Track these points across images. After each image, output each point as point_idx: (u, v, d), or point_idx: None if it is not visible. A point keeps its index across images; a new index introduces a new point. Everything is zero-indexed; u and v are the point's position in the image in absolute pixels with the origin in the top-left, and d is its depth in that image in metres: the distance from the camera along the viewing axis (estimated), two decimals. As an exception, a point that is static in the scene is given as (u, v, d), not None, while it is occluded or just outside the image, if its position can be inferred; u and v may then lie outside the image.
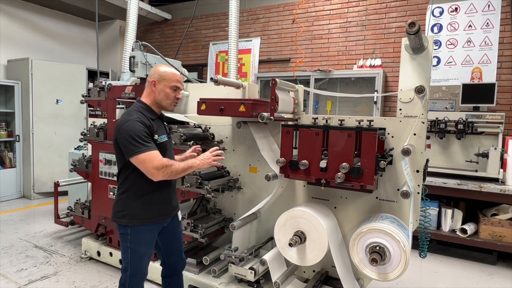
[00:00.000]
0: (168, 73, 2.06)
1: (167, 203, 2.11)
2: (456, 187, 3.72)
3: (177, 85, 2.07)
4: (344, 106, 5.36)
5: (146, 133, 1.91)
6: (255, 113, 2.41)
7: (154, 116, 2.07)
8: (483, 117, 3.92)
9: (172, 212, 2.16)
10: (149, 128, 1.95)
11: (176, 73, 2.09)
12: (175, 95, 2.08)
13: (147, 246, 2.06)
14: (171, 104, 2.09)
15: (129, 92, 3.17)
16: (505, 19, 4.38)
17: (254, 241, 2.96)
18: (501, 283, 3.32)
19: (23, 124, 5.75)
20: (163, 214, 2.08)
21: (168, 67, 2.11)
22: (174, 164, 1.92)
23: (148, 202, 2.01)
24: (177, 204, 2.24)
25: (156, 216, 2.04)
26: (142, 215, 2.00)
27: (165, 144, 2.07)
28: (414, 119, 2.28)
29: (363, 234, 2.08)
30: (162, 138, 2.05)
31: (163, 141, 2.05)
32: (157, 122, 2.07)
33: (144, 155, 1.86)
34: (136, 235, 2.01)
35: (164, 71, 2.06)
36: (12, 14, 6.04)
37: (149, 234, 2.05)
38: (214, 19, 6.63)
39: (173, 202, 2.17)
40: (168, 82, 2.04)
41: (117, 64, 7.33)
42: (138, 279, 2.08)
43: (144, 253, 2.06)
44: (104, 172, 3.13)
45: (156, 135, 2.00)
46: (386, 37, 5.08)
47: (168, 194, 2.11)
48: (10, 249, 3.77)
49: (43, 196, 5.90)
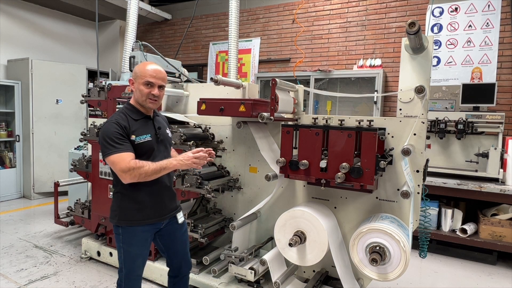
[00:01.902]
0: (140, 69, 1.97)
1: (159, 205, 2.04)
2: (456, 187, 3.72)
3: (149, 80, 1.94)
4: (344, 106, 5.36)
5: (119, 134, 1.87)
6: (255, 113, 2.41)
7: (139, 116, 2.01)
8: (483, 117, 3.91)
9: (167, 214, 2.09)
10: (124, 129, 1.90)
11: (150, 68, 1.97)
12: (150, 91, 1.95)
13: (140, 247, 2.02)
14: (145, 101, 1.97)
15: (129, 92, 3.17)
16: (505, 19, 4.38)
17: (254, 241, 2.96)
18: (501, 283, 3.32)
19: (23, 124, 5.75)
20: (154, 216, 2.02)
21: (146, 64, 2.01)
22: (144, 166, 1.83)
23: (137, 203, 1.98)
24: (174, 206, 2.16)
25: (145, 218, 1.99)
26: (131, 216, 1.98)
27: (147, 144, 1.97)
28: (414, 119, 2.28)
29: (363, 234, 2.08)
30: (142, 138, 1.95)
31: (142, 141, 1.95)
32: (141, 122, 2.00)
33: (113, 157, 1.84)
34: (127, 235, 1.99)
35: (138, 68, 1.99)
36: (12, 14, 6.05)
37: (141, 235, 2.00)
38: (214, 19, 6.63)
39: (167, 203, 2.08)
40: (140, 79, 1.96)
41: (117, 64, 7.33)
42: (133, 280, 2.05)
43: (136, 254, 2.02)
44: (104, 172, 3.13)
45: (134, 136, 1.93)
46: (386, 37, 5.08)
47: (160, 196, 2.04)
48: (10, 249, 3.77)
49: (43, 196, 5.90)
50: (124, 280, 2.03)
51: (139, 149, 1.93)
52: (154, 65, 2.01)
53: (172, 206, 2.14)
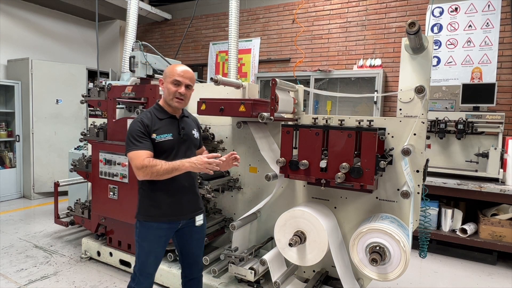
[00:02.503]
0: (169, 69, 2.06)
1: (176, 204, 2.06)
2: (456, 187, 3.72)
3: (177, 79, 2.01)
4: (344, 106, 5.36)
5: (140, 132, 1.96)
6: (255, 113, 2.41)
7: (164, 115, 2.08)
8: (483, 117, 3.92)
9: (184, 215, 2.10)
10: (146, 127, 1.98)
11: (179, 68, 2.05)
12: (177, 89, 2.01)
13: (153, 244, 2.06)
14: (172, 100, 2.04)
15: (129, 92, 3.17)
16: (505, 19, 4.38)
17: (254, 241, 2.96)
18: (501, 283, 3.32)
19: (23, 124, 5.75)
20: (169, 215, 2.05)
21: (175, 65, 2.11)
22: (156, 165, 1.88)
23: (153, 200, 2.04)
24: (194, 208, 2.16)
25: (160, 215, 2.03)
26: (147, 211, 2.05)
27: (167, 143, 2.02)
28: (414, 119, 2.28)
29: (363, 234, 2.08)
30: (163, 137, 2.01)
31: (163, 140, 2.01)
32: (166, 121, 2.06)
33: (131, 154, 1.94)
34: (142, 230, 2.06)
35: (167, 69, 2.08)
36: (12, 14, 6.04)
37: (155, 231, 2.04)
38: (214, 19, 6.63)
39: (185, 204, 2.10)
40: (169, 78, 2.04)
41: (117, 64, 7.33)
42: (144, 277, 2.09)
43: (149, 250, 2.06)
44: (104, 172, 3.13)
45: (155, 134, 1.99)
46: (386, 37, 5.08)
47: (177, 196, 2.06)
48: (10, 249, 3.77)
49: (43, 196, 5.90)
50: (137, 275, 2.09)
51: (159, 148, 1.99)
52: (183, 66, 2.10)
53: (192, 208, 2.15)
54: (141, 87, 3.13)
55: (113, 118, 3.27)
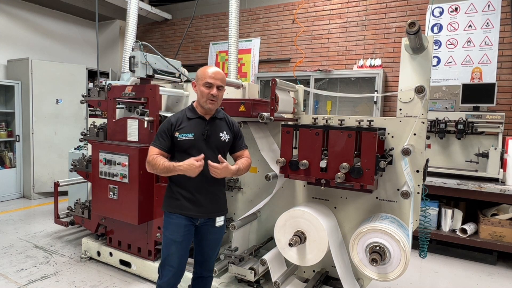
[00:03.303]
0: (201, 72, 2.12)
1: (194, 202, 2.12)
2: (456, 187, 3.72)
3: (209, 81, 2.07)
4: (344, 106, 5.36)
5: (163, 131, 2.12)
6: (255, 113, 2.42)
7: (194, 115, 2.15)
8: (483, 117, 3.91)
9: (203, 213, 2.15)
10: (171, 125, 2.11)
11: (210, 70, 2.10)
12: (209, 91, 2.07)
13: (173, 233, 2.13)
14: (205, 102, 2.10)
15: (129, 92, 3.17)
16: (505, 19, 4.38)
17: (254, 241, 2.96)
18: (501, 283, 3.32)
19: (23, 124, 5.75)
20: (185, 209, 2.12)
21: (206, 67, 2.14)
22: (157, 163, 2.03)
23: (173, 194, 2.16)
24: (215, 208, 2.19)
25: (179, 208, 2.12)
26: (168, 203, 2.18)
27: (187, 142, 2.09)
28: (414, 119, 2.28)
29: (363, 234, 2.08)
30: (184, 136, 2.09)
31: (184, 139, 2.09)
32: (194, 121, 2.14)
33: (150, 148, 2.13)
34: (166, 220, 2.19)
35: (199, 71, 2.14)
36: (12, 14, 6.04)
37: (175, 221, 2.13)
38: (214, 19, 6.63)
39: (204, 203, 2.14)
40: (201, 81, 2.10)
41: (117, 64, 7.33)
42: (166, 268, 2.14)
43: (171, 240, 2.13)
44: (104, 172, 3.13)
45: (177, 133, 2.10)
46: (386, 37, 5.08)
47: (195, 194, 2.12)
48: (10, 249, 3.77)
49: (43, 196, 5.90)
50: (162, 266, 2.17)
51: (180, 146, 2.10)
52: (213, 68, 2.14)
53: (212, 208, 2.18)
54: (141, 87, 3.13)
55: (113, 118, 3.27)
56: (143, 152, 2.91)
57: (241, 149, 2.28)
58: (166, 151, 2.12)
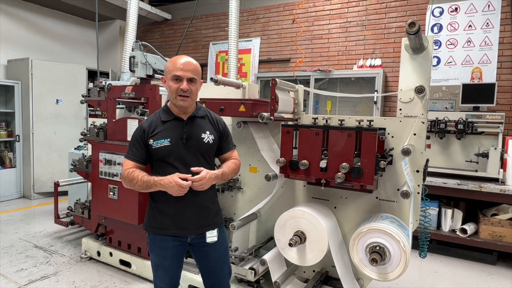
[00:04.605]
0: (168, 64, 1.79)
1: (179, 218, 1.83)
2: (456, 187, 3.72)
3: (177, 73, 1.73)
4: (344, 106, 5.36)
5: (136, 139, 1.83)
6: (255, 113, 2.41)
7: (169, 117, 1.85)
8: (483, 117, 3.91)
9: (190, 229, 1.85)
10: (143, 132, 1.82)
11: (177, 61, 1.77)
12: (178, 86, 1.74)
13: (159, 257, 1.88)
14: (175, 99, 1.78)
15: (129, 92, 3.17)
16: (505, 19, 4.38)
17: (254, 241, 2.95)
18: (501, 283, 3.32)
19: (23, 124, 5.75)
20: (168, 227, 1.83)
21: (174, 58, 1.81)
22: (134, 178, 1.74)
23: (155, 211, 1.87)
24: (202, 222, 1.88)
25: (162, 228, 1.84)
26: (150, 222, 1.89)
27: (163, 149, 1.79)
28: (414, 119, 2.28)
29: (363, 234, 2.08)
30: (159, 143, 1.78)
31: (159, 146, 1.78)
32: (169, 124, 1.83)
33: (124, 160, 1.85)
34: (150, 241, 1.91)
35: (167, 63, 1.82)
36: (12, 14, 6.04)
37: (159, 244, 1.86)
38: (214, 19, 6.63)
39: (190, 217, 1.84)
40: (169, 74, 1.77)
41: (117, 64, 7.33)
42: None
43: (156, 264, 1.90)
44: (104, 172, 3.13)
45: (151, 140, 1.79)
46: (386, 37, 5.08)
47: (179, 207, 1.82)
48: (10, 249, 3.77)
49: (43, 196, 5.90)
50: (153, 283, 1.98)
51: (156, 154, 1.81)
52: (183, 58, 1.80)
53: (200, 222, 1.87)
54: (141, 87, 3.13)
55: (113, 118, 3.27)
56: (143, 152, 2.90)
57: (228, 150, 2.01)
58: (142, 163, 1.82)
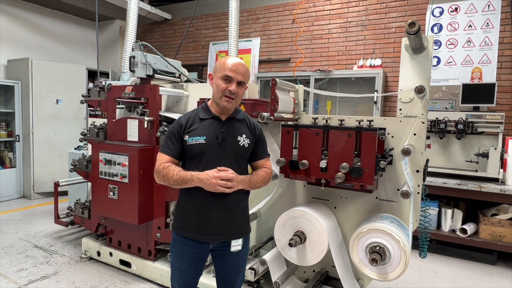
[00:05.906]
0: (220, 63, 1.78)
1: (203, 223, 1.78)
2: (456, 187, 3.72)
3: (228, 74, 1.72)
4: (344, 106, 5.36)
5: (173, 133, 1.81)
6: (255, 113, 2.41)
7: (207, 115, 1.83)
8: (483, 117, 3.92)
9: (212, 235, 1.79)
10: (180, 127, 1.80)
11: (231, 61, 1.76)
12: (227, 86, 1.73)
13: (176, 259, 1.86)
14: (221, 98, 1.75)
15: (129, 92, 3.17)
16: (505, 19, 4.38)
17: (254, 241, 2.95)
18: (501, 283, 3.32)
19: (23, 124, 5.75)
20: (191, 230, 1.80)
21: (227, 57, 1.80)
22: (169, 173, 1.72)
23: (182, 211, 1.85)
24: (228, 231, 1.82)
25: (185, 230, 1.81)
26: (175, 222, 1.87)
27: (197, 146, 1.77)
28: (414, 119, 2.28)
29: (363, 234, 2.08)
30: (194, 139, 1.76)
31: (193, 143, 1.77)
32: (207, 122, 1.81)
33: (158, 155, 1.82)
34: (172, 240, 1.90)
35: (218, 62, 1.80)
36: (12, 14, 6.04)
37: (180, 246, 1.83)
38: (214, 19, 6.63)
39: (213, 224, 1.78)
40: (219, 72, 1.75)
41: (117, 64, 7.33)
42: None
43: (174, 265, 1.87)
44: (104, 172, 3.13)
45: (187, 136, 1.77)
46: (386, 37, 5.08)
47: (205, 212, 1.78)
48: (10, 249, 3.77)
49: (43, 196, 5.90)
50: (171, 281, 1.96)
51: (190, 151, 1.79)
52: (236, 59, 1.80)
53: (224, 229, 1.81)
54: (141, 87, 3.13)
55: (113, 118, 3.27)
56: (143, 152, 2.91)
57: (262, 158, 1.94)
58: (177, 158, 1.81)
